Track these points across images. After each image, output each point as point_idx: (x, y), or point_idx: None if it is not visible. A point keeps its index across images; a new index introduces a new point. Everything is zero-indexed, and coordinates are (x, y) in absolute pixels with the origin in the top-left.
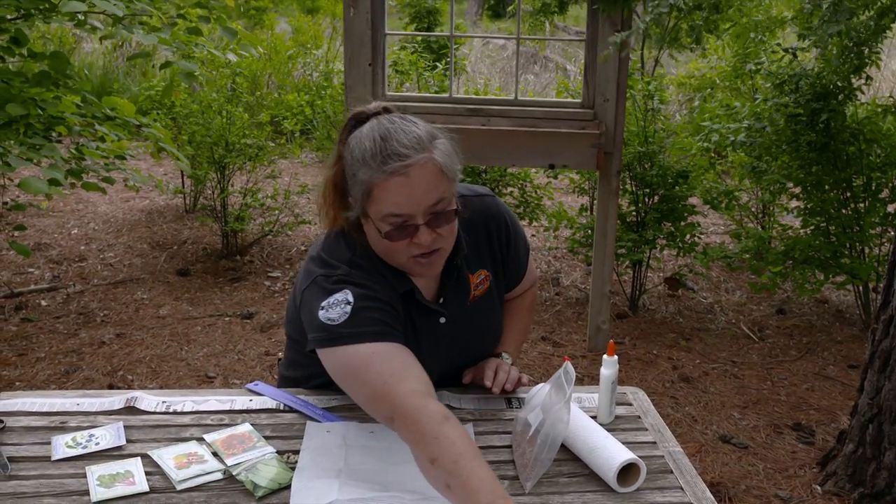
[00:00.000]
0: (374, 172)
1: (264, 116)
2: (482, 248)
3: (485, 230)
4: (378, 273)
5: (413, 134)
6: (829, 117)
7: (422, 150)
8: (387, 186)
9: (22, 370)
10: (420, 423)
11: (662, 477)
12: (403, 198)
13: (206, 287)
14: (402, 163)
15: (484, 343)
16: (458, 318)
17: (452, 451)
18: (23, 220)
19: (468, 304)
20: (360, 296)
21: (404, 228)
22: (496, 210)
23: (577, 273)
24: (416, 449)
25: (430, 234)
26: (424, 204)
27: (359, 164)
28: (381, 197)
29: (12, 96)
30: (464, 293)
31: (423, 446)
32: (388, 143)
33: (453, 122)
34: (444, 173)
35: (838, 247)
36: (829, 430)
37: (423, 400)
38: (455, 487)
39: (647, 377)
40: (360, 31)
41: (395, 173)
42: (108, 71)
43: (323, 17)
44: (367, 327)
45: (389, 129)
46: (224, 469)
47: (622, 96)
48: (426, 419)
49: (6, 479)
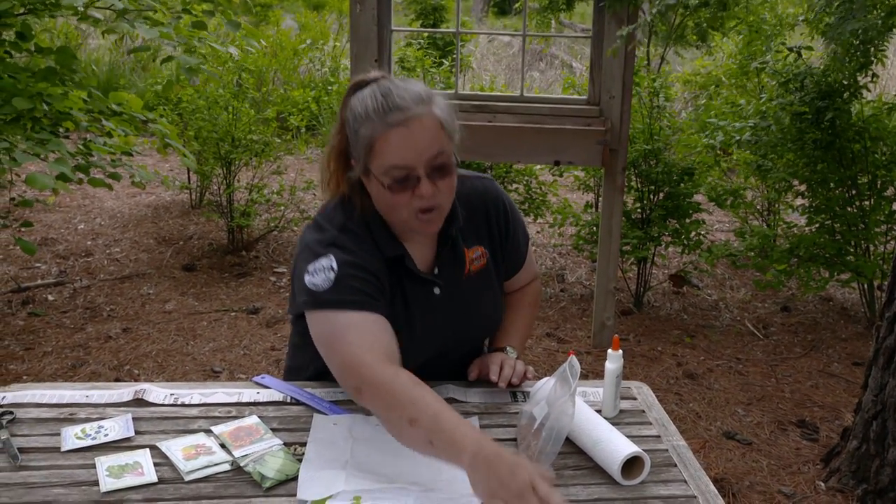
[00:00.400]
0: (376, 126)
1: (270, 112)
2: (480, 226)
3: (483, 209)
4: (370, 239)
5: (413, 91)
6: (835, 115)
7: (422, 104)
8: (388, 138)
9: (29, 364)
10: (394, 389)
11: (666, 470)
12: (405, 149)
13: (211, 282)
14: (403, 114)
15: (481, 321)
16: (454, 291)
17: (431, 409)
18: (29, 215)
19: (464, 277)
20: (344, 262)
21: (406, 181)
22: (495, 192)
23: (582, 270)
24: (392, 414)
25: (431, 187)
26: (426, 155)
27: (361, 121)
28: (383, 150)
29: (19, 91)
30: (459, 266)
31: (401, 410)
32: (388, 99)
33: (459, 118)
34: (444, 128)
35: (843, 244)
36: (833, 426)
37: (395, 369)
38: (439, 442)
39: (651, 374)
40: (367, 28)
41: (397, 125)
42: (114, 67)
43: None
44: (348, 296)
45: (390, 87)
46: (232, 460)
47: (628, 93)
48: (399, 385)
49: (17, 469)
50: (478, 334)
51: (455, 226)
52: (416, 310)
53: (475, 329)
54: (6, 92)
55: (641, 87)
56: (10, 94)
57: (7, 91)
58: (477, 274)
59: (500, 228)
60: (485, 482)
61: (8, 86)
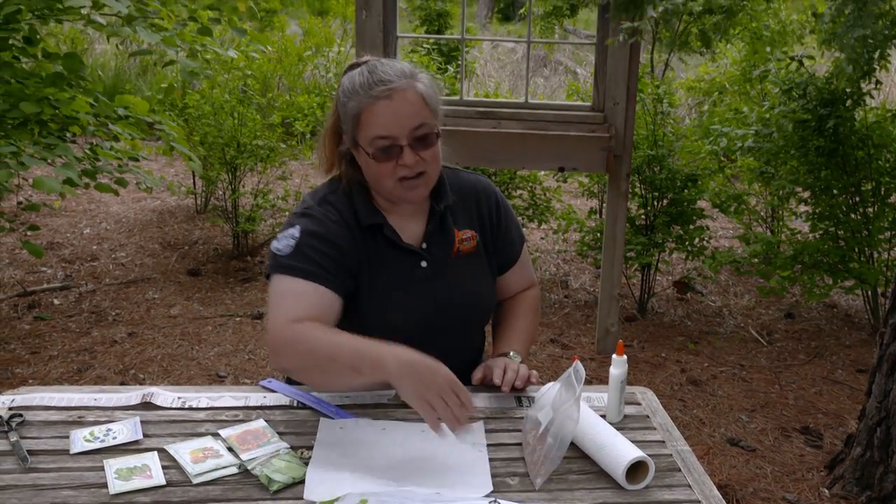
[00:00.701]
0: (361, 99)
1: (276, 118)
2: (471, 212)
3: (474, 197)
4: (350, 209)
5: (398, 67)
6: (837, 123)
7: (405, 78)
8: (373, 110)
9: (35, 368)
10: (308, 338)
11: (671, 475)
12: (388, 118)
13: (216, 287)
14: (387, 87)
15: (467, 299)
16: (441, 268)
17: (347, 343)
18: (36, 220)
19: (452, 255)
20: (307, 232)
21: (390, 150)
22: (490, 188)
23: (586, 276)
24: (313, 360)
25: (413, 156)
26: (408, 126)
27: (348, 96)
28: (368, 121)
29: (26, 95)
30: (448, 244)
31: (320, 353)
32: (374, 74)
33: (464, 124)
34: (426, 101)
35: (847, 251)
36: (837, 433)
37: (308, 324)
38: (363, 366)
39: (655, 380)
40: (372, 34)
41: (380, 97)
42: (120, 72)
43: (333, 18)
44: (302, 264)
45: (376, 65)
46: (239, 463)
47: (632, 100)
48: (313, 335)
49: (26, 471)
50: (464, 315)
51: (443, 202)
52: (400, 279)
53: (461, 308)
54: (14, 97)
55: (645, 93)
56: (18, 99)
57: (15, 96)
58: (467, 256)
59: (492, 218)
60: (411, 387)
61: (15, 90)
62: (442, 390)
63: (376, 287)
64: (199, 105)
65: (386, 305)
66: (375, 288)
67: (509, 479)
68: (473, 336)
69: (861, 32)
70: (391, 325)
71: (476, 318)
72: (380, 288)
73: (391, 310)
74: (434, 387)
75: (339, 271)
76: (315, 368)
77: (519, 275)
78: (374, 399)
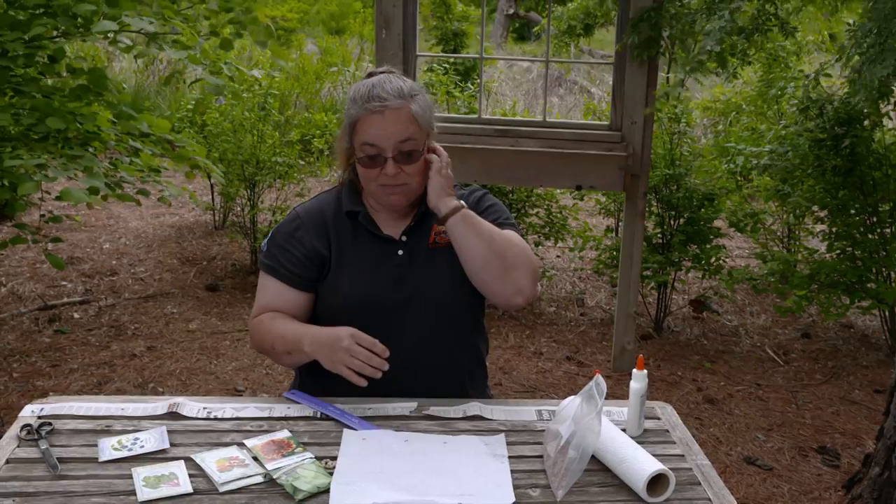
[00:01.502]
0: (359, 108)
1: (294, 135)
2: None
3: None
4: (336, 200)
5: (397, 85)
6: (854, 142)
7: (400, 98)
8: (366, 120)
9: (55, 381)
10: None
11: (691, 489)
12: (377, 131)
13: (234, 302)
14: (381, 104)
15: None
16: (416, 256)
17: (278, 329)
18: (57, 234)
19: (428, 246)
20: (279, 233)
21: (375, 158)
22: (478, 191)
23: (602, 294)
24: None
25: (395, 168)
26: (394, 140)
27: (350, 103)
28: (361, 129)
29: (52, 110)
30: (424, 235)
31: (267, 339)
32: (374, 89)
33: (482, 142)
34: (416, 120)
35: (864, 271)
36: (855, 453)
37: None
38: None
39: (671, 398)
40: (393, 52)
41: (373, 111)
42: (139, 89)
43: (350, 37)
44: (269, 261)
45: (381, 79)
46: (265, 473)
47: (650, 119)
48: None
49: (56, 478)
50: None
51: (424, 205)
52: (375, 263)
53: (435, 295)
54: (40, 111)
55: (663, 112)
56: (44, 114)
57: (41, 111)
58: (445, 248)
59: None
60: (325, 357)
61: (41, 105)
62: (349, 349)
63: (346, 267)
64: (219, 122)
65: (355, 285)
66: (345, 268)
67: (531, 491)
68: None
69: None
70: (367, 306)
71: (453, 305)
72: (349, 269)
73: (359, 290)
74: (339, 349)
75: (298, 266)
76: (270, 352)
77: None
78: (396, 411)
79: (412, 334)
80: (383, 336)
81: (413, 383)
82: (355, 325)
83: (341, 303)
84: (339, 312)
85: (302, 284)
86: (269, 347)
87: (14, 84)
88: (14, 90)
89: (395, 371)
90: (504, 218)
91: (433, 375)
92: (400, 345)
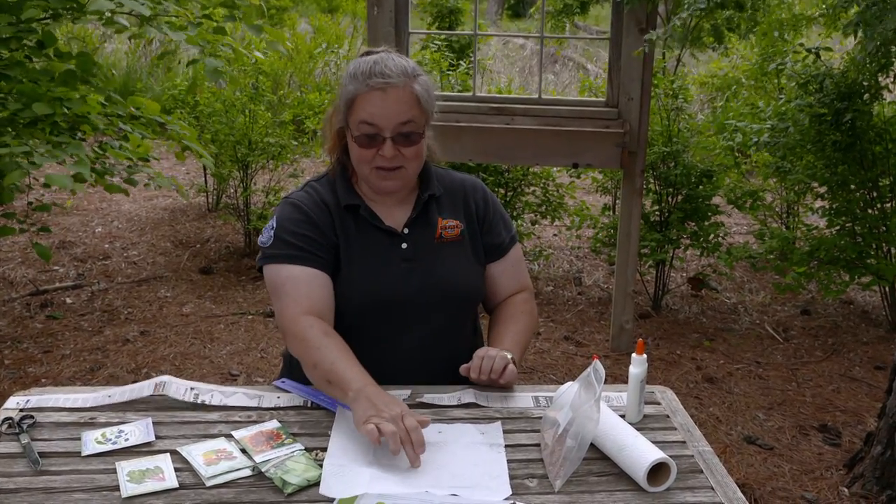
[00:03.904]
0: (359, 85)
1: (287, 115)
2: (458, 204)
3: (461, 191)
4: (331, 191)
5: (401, 64)
6: (855, 117)
7: (404, 76)
8: (366, 97)
9: (48, 367)
10: (306, 337)
11: (693, 476)
12: (377, 109)
13: (229, 285)
14: (384, 81)
15: (446, 283)
16: (422, 251)
17: (331, 356)
18: (47, 219)
19: (434, 241)
20: (283, 218)
21: (373, 138)
22: (478, 184)
23: (600, 272)
24: (304, 358)
25: (393, 150)
26: (395, 120)
27: (349, 79)
28: (360, 106)
29: (39, 95)
30: (430, 230)
31: (308, 355)
32: (376, 66)
33: (477, 120)
34: (419, 102)
35: (864, 247)
36: (856, 431)
37: (311, 320)
38: (334, 381)
39: (670, 377)
40: (384, 30)
41: (375, 88)
42: (131, 71)
43: (343, 15)
44: (283, 250)
45: (383, 56)
46: (253, 465)
47: (647, 95)
48: (310, 335)
49: (37, 474)
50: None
51: (428, 191)
52: (380, 258)
53: (441, 291)
54: (26, 96)
55: (660, 88)
56: (31, 99)
57: (27, 95)
58: (449, 243)
59: (478, 209)
60: (363, 411)
61: (28, 90)
62: (391, 420)
63: (356, 264)
64: (210, 103)
65: (365, 282)
66: (355, 264)
67: (528, 482)
68: (461, 326)
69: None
70: (374, 302)
71: (458, 303)
72: (359, 265)
73: (370, 287)
74: (384, 415)
75: (319, 248)
76: (310, 368)
77: (509, 276)
78: None
79: (417, 329)
80: (388, 330)
81: (417, 377)
82: (363, 320)
83: (351, 298)
84: (346, 307)
85: (326, 267)
86: (310, 363)
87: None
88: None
89: (400, 365)
90: (512, 230)
91: (437, 367)
92: (405, 339)
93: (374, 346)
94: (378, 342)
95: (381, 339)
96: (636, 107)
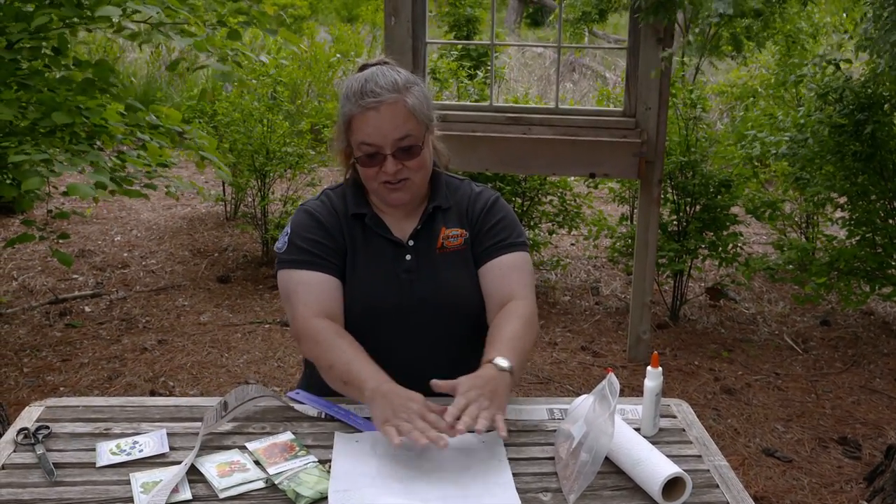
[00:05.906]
0: (353, 106)
1: (305, 125)
2: (462, 213)
3: (469, 201)
4: (343, 199)
5: (391, 78)
6: (875, 128)
7: (395, 91)
8: (361, 118)
9: (66, 375)
10: (319, 338)
11: (708, 491)
12: (373, 129)
13: (246, 294)
14: (375, 99)
15: (449, 292)
16: (424, 261)
17: (346, 356)
18: (67, 227)
19: (436, 251)
20: (298, 225)
21: (374, 157)
22: (490, 194)
23: (617, 282)
24: (319, 360)
25: (395, 165)
26: (391, 137)
27: (344, 100)
28: (357, 127)
29: (58, 105)
30: (433, 239)
31: (323, 357)
32: (367, 84)
33: (494, 130)
34: (414, 114)
35: (885, 257)
36: (877, 444)
37: (325, 322)
38: (350, 381)
39: (688, 388)
40: (402, 40)
41: (368, 108)
42: (151, 80)
43: (362, 25)
44: (297, 256)
45: (374, 72)
46: (266, 478)
47: (664, 105)
48: (324, 336)
49: (52, 485)
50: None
51: (434, 203)
52: (384, 268)
53: (442, 300)
54: (45, 105)
55: (678, 98)
56: (50, 108)
57: (46, 104)
58: (453, 253)
59: (480, 213)
60: (381, 411)
61: (46, 99)
62: (410, 416)
63: (358, 272)
64: (229, 112)
65: (365, 291)
66: (357, 272)
67: (542, 495)
68: (461, 337)
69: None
70: (374, 311)
71: (459, 312)
72: (362, 273)
73: (374, 296)
74: (403, 412)
75: (331, 254)
76: (325, 370)
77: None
78: None
79: (420, 340)
80: (391, 341)
81: (416, 388)
82: (363, 329)
83: (351, 306)
84: (347, 315)
85: (336, 272)
86: (326, 364)
87: (20, 77)
88: (19, 84)
89: (403, 377)
90: (515, 237)
91: (437, 378)
92: (407, 350)
93: (373, 355)
94: (377, 352)
95: (381, 348)
96: (654, 116)
